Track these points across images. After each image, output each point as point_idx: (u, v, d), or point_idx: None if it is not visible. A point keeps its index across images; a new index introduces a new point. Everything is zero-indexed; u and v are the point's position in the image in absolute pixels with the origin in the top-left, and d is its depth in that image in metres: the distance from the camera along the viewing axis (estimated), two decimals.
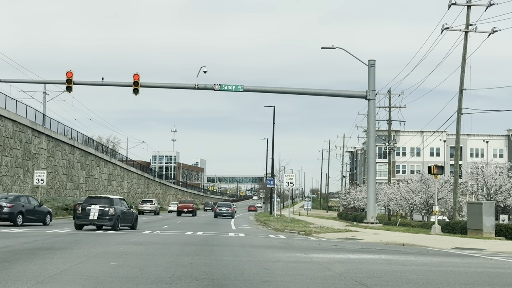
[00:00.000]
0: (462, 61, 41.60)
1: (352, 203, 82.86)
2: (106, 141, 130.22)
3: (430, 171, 33.33)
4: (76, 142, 77.73)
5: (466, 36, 41.53)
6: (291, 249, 19.97)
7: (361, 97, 39.00)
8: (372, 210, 37.68)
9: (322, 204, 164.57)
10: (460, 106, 41.59)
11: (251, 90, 38.45)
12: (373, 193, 37.90)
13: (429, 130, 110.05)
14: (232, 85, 37.23)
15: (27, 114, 60.93)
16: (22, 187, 58.47)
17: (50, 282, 10.49)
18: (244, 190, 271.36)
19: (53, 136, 68.63)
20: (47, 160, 66.90)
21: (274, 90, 39.93)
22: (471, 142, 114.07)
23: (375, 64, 37.92)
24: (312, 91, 39.22)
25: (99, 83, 38.34)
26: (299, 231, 32.60)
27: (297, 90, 39.83)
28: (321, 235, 30.10)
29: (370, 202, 37.65)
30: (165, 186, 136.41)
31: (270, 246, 21.24)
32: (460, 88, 41.62)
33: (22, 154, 58.83)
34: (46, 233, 25.22)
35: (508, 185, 47.22)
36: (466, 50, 41.56)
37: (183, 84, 39.22)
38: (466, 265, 15.99)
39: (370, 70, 37.72)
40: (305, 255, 17.46)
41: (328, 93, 39.22)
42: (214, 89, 37.24)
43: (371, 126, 39.10)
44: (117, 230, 29.25)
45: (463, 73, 41.45)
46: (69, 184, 75.08)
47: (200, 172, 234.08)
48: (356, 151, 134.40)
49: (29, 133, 61.13)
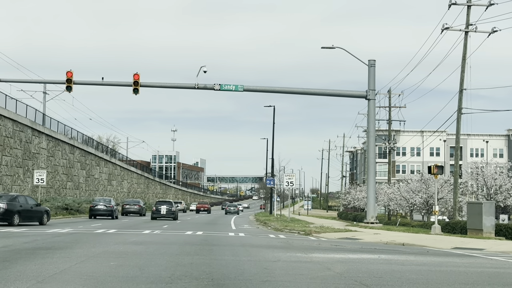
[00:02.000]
0: (462, 61, 41.62)
1: (352, 203, 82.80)
2: (106, 140, 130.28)
3: (430, 171, 33.33)
4: (76, 141, 77.74)
5: (466, 36, 41.55)
6: (291, 248, 19.98)
7: (361, 97, 38.99)
8: (372, 210, 37.68)
9: (322, 204, 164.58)
10: (460, 106, 41.59)
11: (251, 90, 38.43)
12: (373, 193, 37.91)
13: (429, 130, 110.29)
14: (232, 85, 37.21)
15: (27, 113, 60.95)
16: (22, 186, 58.48)
17: (50, 282, 10.49)
18: (244, 190, 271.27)
19: (53, 136, 68.64)
20: (47, 159, 66.91)
21: (274, 90, 39.92)
22: (471, 142, 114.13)
23: (375, 64, 37.93)
24: (312, 91, 39.20)
25: (99, 83, 38.33)
26: (299, 231, 32.61)
27: (297, 90, 39.82)
28: (321, 234, 30.11)
29: (370, 202, 37.65)
30: (165, 185, 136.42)
31: (270, 245, 21.25)
32: (460, 88, 41.63)
33: (22, 154, 58.84)
34: (46, 233, 25.24)
35: (508, 185, 47.23)
36: (466, 50, 41.59)
37: (183, 84, 39.23)
38: (466, 265, 15.99)
39: (370, 70, 37.72)
40: (305, 254, 17.47)
41: (328, 93, 39.23)
42: (214, 89, 37.23)
43: (371, 126, 39.10)
44: (176, 219, 51.43)
45: (463, 73, 41.47)
46: (69, 184, 75.09)
47: (200, 172, 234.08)
48: (356, 151, 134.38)
49: (29, 132, 61.14)
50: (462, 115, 41.68)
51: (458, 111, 41.70)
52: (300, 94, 41.24)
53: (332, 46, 37.58)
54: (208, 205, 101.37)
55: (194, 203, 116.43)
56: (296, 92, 39.78)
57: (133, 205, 63.93)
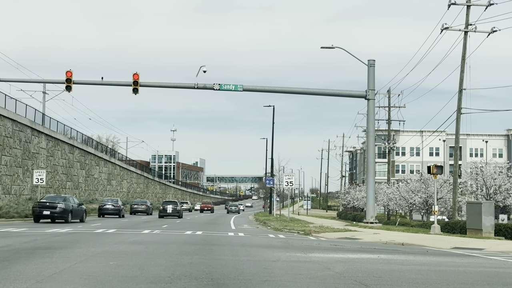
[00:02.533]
0: (462, 61, 41.61)
1: (352, 203, 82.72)
2: (106, 140, 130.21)
3: (429, 171, 33.32)
4: (75, 141, 77.70)
5: (465, 36, 41.54)
6: (291, 248, 19.99)
7: (361, 96, 38.98)
8: (371, 209, 37.67)
9: (322, 203, 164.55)
10: (460, 106, 41.59)
11: (251, 90, 38.40)
12: (373, 192, 37.90)
13: (428, 130, 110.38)
14: (231, 84, 37.19)
15: (27, 113, 60.88)
16: (21, 186, 58.42)
17: (49, 282, 10.49)
18: (244, 189, 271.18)
19: (52, 136, 68.57)
20: (47, 159, 66.86)
21: (274, 90, 39.90)
22: (471, 142, 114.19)
23: (375, 63, 37.91)
24: (312, 91, 39.19)
25: (99, 83, 38.31)
26: (299, 231, 32.60)
27: (296, 90, 39.81)
28: (320, 234, 30.10)
29: (370, 201, 37.63)
30: (164, 185, 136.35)
31: (269, 245, 21.25)
32: (460, 88, 41.62)
33: (21, 154, 58.77)
34: (45, 233, 25.23)
35: (507, 184, 47.24)
36: (465, 50, 41.58)
37: (182, 83, 39.22)
38: (466, 264, 16.00)
39: (370, 70, 37.70)
40: (305, 254, 17.48)
41: (328, 92, 39.22)
42: (213, 88, 37.21)
43: (371, 126, 39.10)
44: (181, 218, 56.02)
45: (462, 73, 41.46)
46: (68, 184, 75.04)
47: (200, 172, 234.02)
48: (356, 150, 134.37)
49: (28, 132, 61.07)
50: (461, 115, 41.67)
51: (457, 111, 41.69)
52: (299, 94, 41.31)
53: (332, 46, 37.56)
54: (211, 205, 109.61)
55: (199, 203, 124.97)
56: (295, 92, 39.76)
57: (141, 205, 69.21)
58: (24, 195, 57.97)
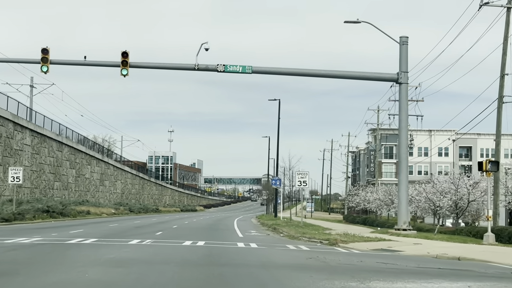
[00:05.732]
0: (504, 41, 36.00)
1: (362, 205, 76.82)
2: (102, 140, 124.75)
3: (480, 167, 27.53)
4: (64, 138, 71.83)
5: (508, 12, 35.93)
6: (332, 271, 14.16)
7: (392, 80, 33.25)
8: (404, 214, 31.70)
9: (323, 205, 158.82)
10: (501, 94, 35.98)
11: (261, 72, 32.54)
12: (406, 193, 31.91)
13: (437, 129, 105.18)
14: (238, 65, 31.32)
15: (8, 106, 55.24)
16: (2, 186, 52.74)
17: None
18: (242, 191, 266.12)
19: (38, 131, 62.90)
20: (32, 157, 61.13)
21: (287, 72, 34.02)
22: (481, 142, 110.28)
23: (408, 41, 32.02)
24: (336, 73, 33.10)
25: (81, 63, 32.27)
26: (321, 240, 26.77)
27: (313, 72, 33.75)
28: (349, 245, 24.39)
29: (402, 204, 31.63)
30: (161, 186, 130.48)
31: (300, 265, 15.39)
32: (501, 73, 36.04)
33: (2, 150, 53.17)
34: (4, 244, 19.44)
35: None
36: (508, 29, 35.93)
37: (180, 64, 33.11)
38: None
39: (402, 49, 31.84)
40: (362, 284, 11.69)
41: (353, 75, 33.21)
42: (217, 70, 31.32)
43: (403, 114, 33.35)
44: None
45: (505, 56, 35.87)
46: (56, 184, 69.23)
47: (197, 173, 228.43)
48: (359, 151, 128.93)
49: (10, 127, 55.44)
50: (503, 104, 36.08)
51: (498, 99, 36.06)
52: (317, 77, 35.42)
53: (358, 21, 31.80)
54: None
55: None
56: (311, 74, 33.84)
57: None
58: (4, 196, 52.19)
